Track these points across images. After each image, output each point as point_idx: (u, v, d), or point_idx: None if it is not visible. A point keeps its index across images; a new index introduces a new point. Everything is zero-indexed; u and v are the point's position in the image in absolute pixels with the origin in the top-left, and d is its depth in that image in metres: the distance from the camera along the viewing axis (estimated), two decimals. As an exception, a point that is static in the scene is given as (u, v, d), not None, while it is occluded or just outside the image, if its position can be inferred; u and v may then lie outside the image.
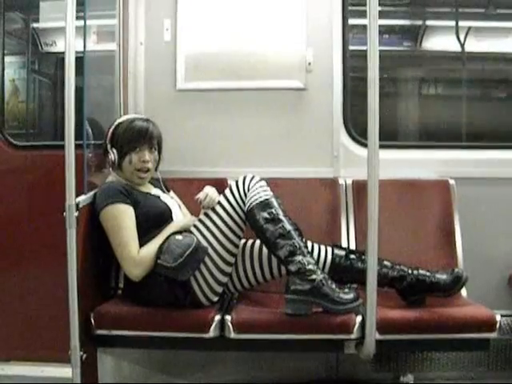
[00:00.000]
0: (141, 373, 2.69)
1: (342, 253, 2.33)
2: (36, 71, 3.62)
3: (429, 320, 2.13)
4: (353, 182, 2.73)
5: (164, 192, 2.51)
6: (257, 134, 2.82)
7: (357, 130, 2.82)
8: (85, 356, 2.13)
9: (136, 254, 2.21)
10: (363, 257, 2.27)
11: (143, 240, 2.25)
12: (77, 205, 2.07)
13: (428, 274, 2.26)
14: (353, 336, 2.12)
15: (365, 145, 2.23)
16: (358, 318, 2.12)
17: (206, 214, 2.29)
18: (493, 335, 2.12)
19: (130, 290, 2.30)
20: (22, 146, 2.73)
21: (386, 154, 2.41)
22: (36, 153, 2.71)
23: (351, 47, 2.86)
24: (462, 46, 3.61)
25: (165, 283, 2.18)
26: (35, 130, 3.50)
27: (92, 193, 2.30)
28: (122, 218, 2.25)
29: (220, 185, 2.50)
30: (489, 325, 2.11)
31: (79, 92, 2.14)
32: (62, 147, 2.02)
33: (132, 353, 2.65)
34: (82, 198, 2.18)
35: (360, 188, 2.65)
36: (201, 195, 2.31)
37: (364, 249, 2.12)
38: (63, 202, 2.04)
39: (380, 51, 1.99)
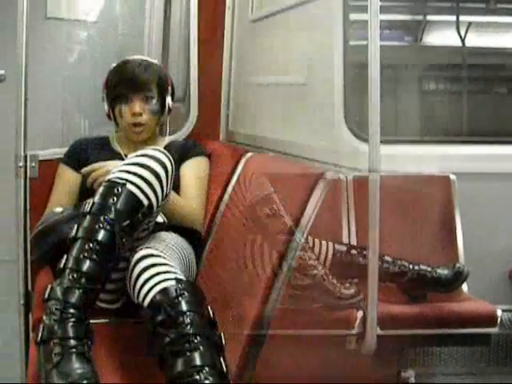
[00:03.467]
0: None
1: (343, 248, 2.33)
2: None
3: (430, 315, 2.14)
4: (354, 177, 2.72)
5: None
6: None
7: (358, 125, 2.80)
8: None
9: None
10: (364, 252, 2.26)
11: None
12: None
13: (429, 269, 2.25)
14: (354, 331, 2.11)
15: (366, 140, 2.22)
16: (359, 314, 2.11)
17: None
18: (494, 330, 2.13)
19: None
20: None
21: (387, 150, 2.40)
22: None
23: (352, 42, 2.84)
24: (463, 40, 3.61)
25: None
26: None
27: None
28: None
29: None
30: (490, 320, 2.12)
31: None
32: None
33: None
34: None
35: (361, 183, 2.64)
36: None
37: (365, 244, 2.12)
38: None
39: (381, 46, 1.98)
